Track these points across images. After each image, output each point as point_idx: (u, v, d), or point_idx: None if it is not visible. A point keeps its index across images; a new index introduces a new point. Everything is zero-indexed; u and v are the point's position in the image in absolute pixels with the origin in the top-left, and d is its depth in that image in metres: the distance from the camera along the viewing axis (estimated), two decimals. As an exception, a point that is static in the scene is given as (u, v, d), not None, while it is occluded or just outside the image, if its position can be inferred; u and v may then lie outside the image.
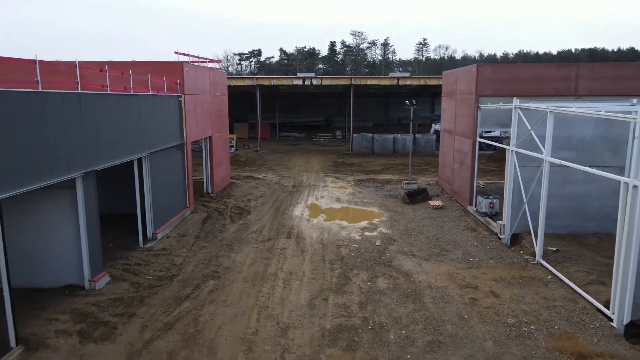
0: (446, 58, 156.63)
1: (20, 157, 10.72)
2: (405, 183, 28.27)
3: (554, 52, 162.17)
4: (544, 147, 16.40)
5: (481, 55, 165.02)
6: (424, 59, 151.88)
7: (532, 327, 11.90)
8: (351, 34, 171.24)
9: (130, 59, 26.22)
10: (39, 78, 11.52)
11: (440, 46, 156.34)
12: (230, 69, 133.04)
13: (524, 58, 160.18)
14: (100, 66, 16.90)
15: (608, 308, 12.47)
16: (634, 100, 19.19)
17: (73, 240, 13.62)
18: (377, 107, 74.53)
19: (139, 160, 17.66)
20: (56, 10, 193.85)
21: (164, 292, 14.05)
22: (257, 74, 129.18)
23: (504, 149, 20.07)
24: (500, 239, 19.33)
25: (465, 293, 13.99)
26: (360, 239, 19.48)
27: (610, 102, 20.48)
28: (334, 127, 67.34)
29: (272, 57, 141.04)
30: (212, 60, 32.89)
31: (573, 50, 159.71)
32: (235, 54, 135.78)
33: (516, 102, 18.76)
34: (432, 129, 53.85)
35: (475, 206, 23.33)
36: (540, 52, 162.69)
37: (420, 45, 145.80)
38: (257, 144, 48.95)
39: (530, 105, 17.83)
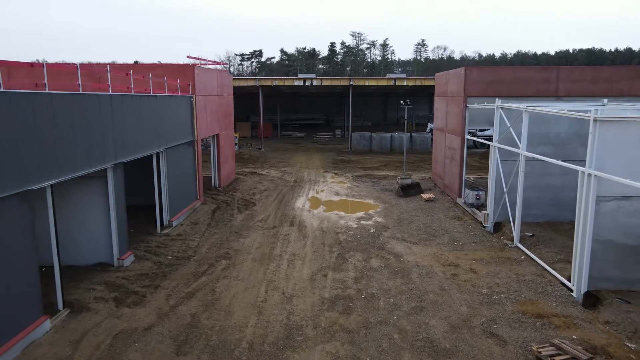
0: (445, 58, 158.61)
1: (68, 150, 12.66)
2: (400, 178, 30.18)
3: (552, 53, 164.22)
4: (523, 145, 18.32)
5: (480, 55, 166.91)
6: (422, 60, 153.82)
7: (502, 295, 13.85)
8: (351, 34, 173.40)
9: (130, 59, 28.06)
10: (80, 82, 13.47)
11: (438, 47, 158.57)
12: (231, 69, 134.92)
13: (522, 58, 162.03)
14: (124, 69, 18.81)
15: (570, 281, 14.42)
16: (605, 101, 21.13)
17: (104, 223, 15.57)
18: (376, 107, 76.40)
19: (157, 155, 19.61)
20: (56, 10, 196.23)
21: (183, 269, 16.01)
22: (258, 74, 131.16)
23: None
24: (484, 227, 21.27)
25: (447, 270, 15.94)
26: (356, 226, 21.42)
27: (585, 102, 22.45)
28: (334, 126, 69.24)
29: (273, 57, 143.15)
30: (218, 63, 34.79)
31: (571, 51, 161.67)
32: (236, 55, 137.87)
33: (498, 102, 20.69)
34: (428, 128, 55.75)
35: (464, 198, 25.28)
36: (539, 52, 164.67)
37: (419, 46, 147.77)
38: (260, 142, 50.88)
39: (509, 105, 19.78)
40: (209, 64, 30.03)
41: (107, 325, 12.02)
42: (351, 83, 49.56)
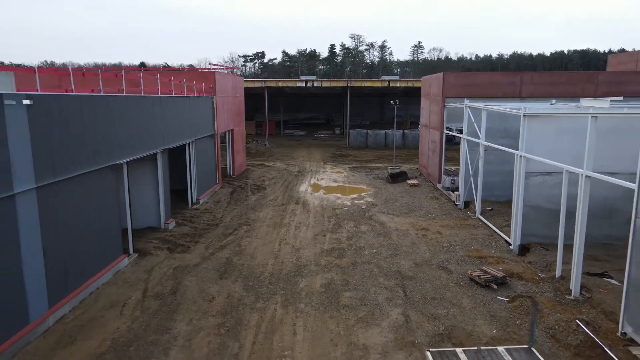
0: (442, 59, 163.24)
1: (135, 137, 17.27)
2: (391, 168, 34.80)
3: (547, 54, 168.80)
4: (482, 137, 22.92)
5: (477, 56, 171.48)
6: (421, 60, 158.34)
7: (457, 247, 18.47)
8: (350, 37, 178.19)
9: (133, 60, 32.72)
10: (142, 86, 18.09)
11: (434, 49, 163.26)
12: (235, 71, 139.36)
13: (518, 59, 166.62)
14: (166, 75, 23.41)
15: (509, 238, 19.02)
16: (553, 101, 25.65)
17: (154, 195, 20.19)
18: (373, 107, 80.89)
19: (188, 145, 24.21)
20: (56, 10, 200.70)
21: (214, 231, 20.62)
22: (261, 74, 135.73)
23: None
24: (456, 205, 25.85)
25: (419, 232, 20.55)
26: (350, 204, 26.03)
27: (539, 102, 26.99)
28: (333, 124, 73.80)
29: (275, 58, 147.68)
30: (232, 68, 39.34)
31: (566, 52, 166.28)
32: (240, 56, 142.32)
33: (466, 102, 25.29)
34: (420, 125, 60.24)
35: (442, 183, 29.88)
36: (534, 53, 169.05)
37: (416, 48, 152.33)
38: (265, 139, 55.48)
39: (473, 104, 24.39)
40: (225, 69, 34.57)
41: (167, 263, 16.65)
42: (349, 84, 54.14)
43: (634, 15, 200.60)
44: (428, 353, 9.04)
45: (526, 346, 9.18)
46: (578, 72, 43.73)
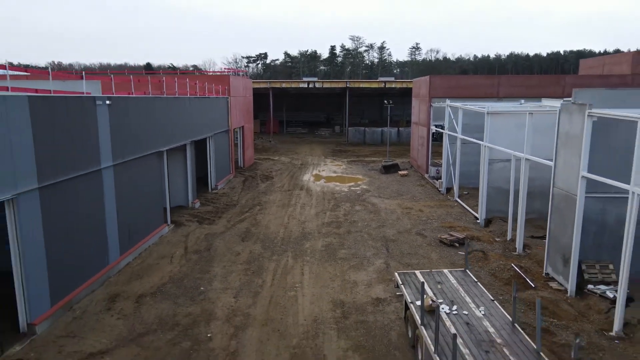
0: (441, 59, 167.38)
1: (171, 130, 21.36)
2: (384, 161, 38.86)
3: (544, 54, 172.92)
4: (459, 131, 26.98)
5: (475, 56, 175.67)
6: (420, 61, 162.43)
7: (433, 220, 22.57)
8: (350, 38, 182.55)
9: (137, 61, 36.85)
10: (177, 89, 22.20)
11: (431, 50, 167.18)
12: (242, 73, 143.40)
13: (515, 59, 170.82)
14: (192, 79, 27.54)
15: (477, 214, 23.10)
16: (522, 101, 29.70)
17: (184, 178, 24.28)
18: (372, 107, 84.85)
19: (208, 138, 28.32)
20: (56, 11, 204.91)
21: (233, 210, 24.73)
22: (263, 75, 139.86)
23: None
24: (439, 190, 29.93)
25: (404, 210, 24.64)
26: (347, 190, 30.12)
27: (512, 102, 31.01)
28: (334, 123, 77.86)
29: (277, 59, 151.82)
30: (241, 70, 43.44)
31: (562, 52, 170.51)
32: (243, 57, 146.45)
33: (447, 102, 29.36)
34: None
35: (429, 173, 33.96)
36: (531, 53, 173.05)
37: (413, 49, 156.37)
38: (270, 136, 59.58)
39: (452, 104, 28.48)
40: (234, 72, 38.66)
41: (198, 231, 20.78)
42: (348, 85, 58.22)
43: (632, 15, 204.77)
44: (396, 274, 13.00)
45: (463, 269, 13.14)
46: (548, 75, 47.96)
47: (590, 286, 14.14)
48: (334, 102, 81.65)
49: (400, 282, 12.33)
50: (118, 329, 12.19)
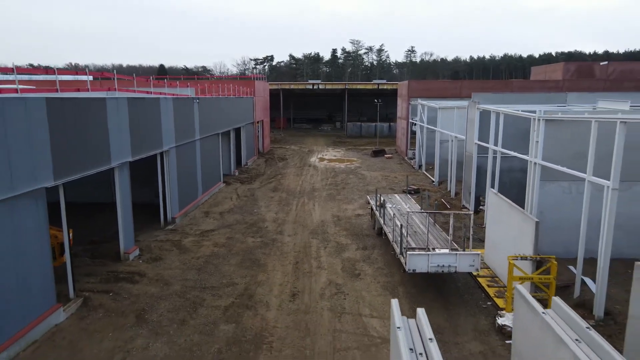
0: (439, 60, 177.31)
1: (224, 119, 31.47)
2: (374, 148, 48.90)
3: (536, 55, 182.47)
4: (425, 122, 37.03)
5: (472, 58, 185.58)
6: (418, 62, 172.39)
7: (402, 182, 32.68)
8: (350, 42, 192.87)
9: (146, 61, 46.92)
10: (206, 89, 32.39)
11: (425, 52, 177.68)
12: (246, 72, 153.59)
13: (509, 60, 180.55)
14: (224, 82, 37.72)
15: (434, 178, 33.18)
16: (474, 100, 39.65)
17: (227, 155, 34.39)
18: (370, 106, 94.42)
19: (240, 128, 38.46)
20: (58, 11, 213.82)
21: (262, 177, 34.89)
22: (269, 76, 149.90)
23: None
24: (413, 167, 40.01)
25: (383, 177, 34.75)
26: (344, 167, 40.24)
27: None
28: (335, 120, 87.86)
29: (282, 61, 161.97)
30: (259, 76, 53.56)
31: (554, 54, 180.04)
32: (251, 59, 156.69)
33: (420, 101, 39.45)
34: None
35: (408, 156, 44.04)
36: (525, 55, 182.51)
37: (409, 52, 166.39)
38: (280, 130, 69.68)
39: (422, 102, 38.58)
40: (255, 77, 48.86)
41: (242, 187, 30.94)
42: (346, 87, 68.29)
43: (627, 17, 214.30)
44: (367, 196, 22.91)
45: (405, 193, 23.09)
46: (501, 80, 58.26)
47: (481, 207, 24.23)
48: (335, 101, 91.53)
49: (369, 199, 22.43)
50: (216, 223, 22.38)
